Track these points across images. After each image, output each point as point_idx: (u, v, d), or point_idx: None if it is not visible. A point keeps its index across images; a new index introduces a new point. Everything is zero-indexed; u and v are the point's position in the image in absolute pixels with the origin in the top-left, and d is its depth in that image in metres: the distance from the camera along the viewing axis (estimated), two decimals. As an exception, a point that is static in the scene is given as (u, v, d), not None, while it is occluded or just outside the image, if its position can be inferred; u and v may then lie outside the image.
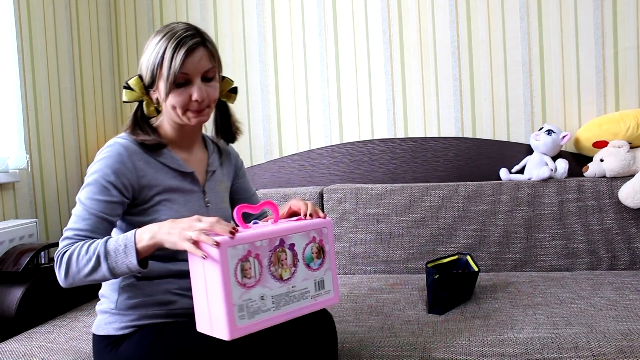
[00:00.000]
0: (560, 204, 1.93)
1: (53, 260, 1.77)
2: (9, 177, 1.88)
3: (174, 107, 1.15)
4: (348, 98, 2.31)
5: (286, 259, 1.05)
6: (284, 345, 1.10)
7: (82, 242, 1.06)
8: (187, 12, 2.41)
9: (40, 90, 2.05)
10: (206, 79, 1.16)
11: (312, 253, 1.10)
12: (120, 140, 1.16)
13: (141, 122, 1.20)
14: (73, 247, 1.06)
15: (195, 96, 1.14)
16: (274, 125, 2.37)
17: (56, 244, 1.78)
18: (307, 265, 1.09)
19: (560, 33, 2.15)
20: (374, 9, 2.28)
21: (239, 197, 1.41)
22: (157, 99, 1.19)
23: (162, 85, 1.14)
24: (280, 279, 1.04)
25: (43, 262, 1.76)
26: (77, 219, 1.10)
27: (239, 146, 2.35)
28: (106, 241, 1.05)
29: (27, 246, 1.71)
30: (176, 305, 1.18)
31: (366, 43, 2.29)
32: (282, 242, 1.05)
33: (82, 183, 2.23)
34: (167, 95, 1.14)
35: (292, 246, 1.06)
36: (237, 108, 2.35)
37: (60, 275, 1.07)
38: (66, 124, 2.18)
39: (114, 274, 1.05)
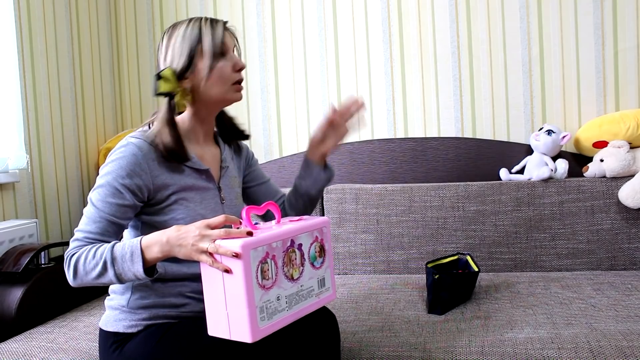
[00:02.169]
0: (560, 204, 1.93)
1: (53, 261, 1.78)
2: (9, 177, 1.88)
3: (221, 82, 1.17)
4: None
5: (296, 259, 1.05)
6: (289, 344, 1.10)
7: (91, 246, 1.06)
8: (187, 12, 2.41)
9: (40, 90, 2.05)
10: None
11: (315, 252, 1.11)
12: (134, 140, 1.13)
13: (173, 122, 1.16)
14: (81, 250, 1.06)
15: (240, 63, 1.20)
16: (274, 125, 2.37)
17: (56, 244, 1.79)
18: (312, 264, 1.09)
19: (560, 33, 2.15)
20: (374, 9, 2.27)
21: (253, 185, 1.41)
22: (191, 88, 1.18)
23: (203, 63, 1.16)
24: (291, 278, 1.04)
25: (43, 262, 1.75)
26: (88, 220, 1.09)
27: (239, 146, 2.35)
28: (113, 246, 1.04)
29: (27, 246, 1.71)
30: (187, 308, 1.17)
31: (366, 43, 2.29)
32: (292, 242, 1.05)
33: (82, 183, 2.26)
34: (211, 69, 1.16)
35: (300, 246, 1.07)
36: (237, 108, 2.36)
37: (69, 275, 1.07)
38: (66, 124, 2.18)
39: (120, 280, 1.04)
